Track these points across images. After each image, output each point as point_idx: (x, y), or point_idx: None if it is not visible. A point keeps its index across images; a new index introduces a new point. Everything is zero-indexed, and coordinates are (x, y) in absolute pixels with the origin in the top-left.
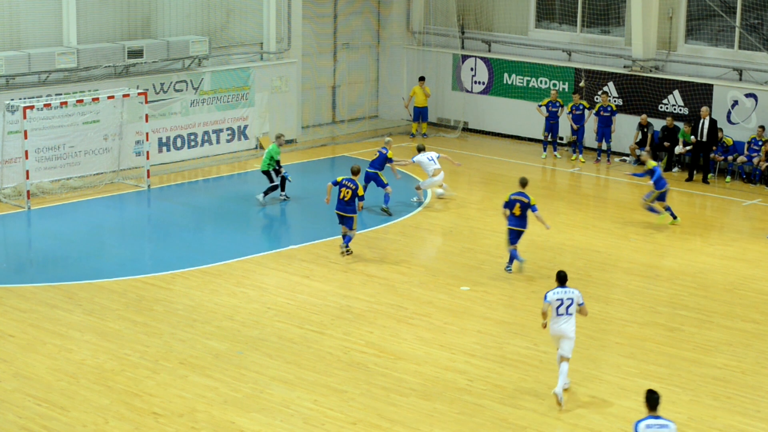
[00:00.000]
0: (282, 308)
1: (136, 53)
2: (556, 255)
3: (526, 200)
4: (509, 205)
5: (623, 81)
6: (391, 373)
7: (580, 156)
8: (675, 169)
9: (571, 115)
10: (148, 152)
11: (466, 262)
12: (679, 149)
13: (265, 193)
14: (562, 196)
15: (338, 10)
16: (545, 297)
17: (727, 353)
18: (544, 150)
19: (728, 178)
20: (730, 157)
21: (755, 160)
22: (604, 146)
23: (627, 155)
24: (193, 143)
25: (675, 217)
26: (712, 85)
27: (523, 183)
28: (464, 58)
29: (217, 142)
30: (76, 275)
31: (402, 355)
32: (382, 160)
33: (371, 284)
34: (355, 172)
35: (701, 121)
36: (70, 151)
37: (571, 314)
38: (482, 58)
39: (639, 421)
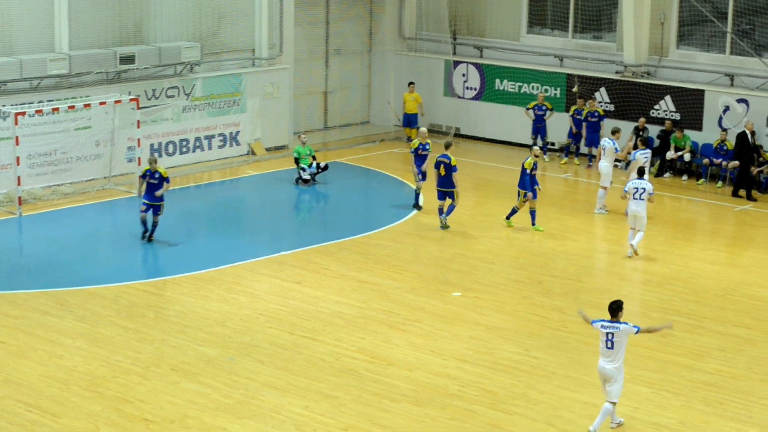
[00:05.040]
0: (273, 314)
1: (127, 59)
2: (549, 261)
3: (447, 161)
4: (437, 165)
5: (615, 86)
6: (382, 378)
7: (575, 159)
8: (666, 174)
9: (572, 119)
10: (140, 158)
11: (458, 268)
12: (671, 155)
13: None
14: (554, 201)
15: (330, 16)
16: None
17: (719, 359)
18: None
19: (720, 184)
20: (723, 162)
21: None
22: (594, 151)
23: (619, 160)
24: (184, 149)
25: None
26: (703, 91)
27: (447, 145)
28: (456, 63)
29: (209, 148)
30: (67, 281)
31: (393, 360)
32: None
33: (363, 290)
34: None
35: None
36: (61, 158)
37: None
38: (474, 64)
39: (597, 321)
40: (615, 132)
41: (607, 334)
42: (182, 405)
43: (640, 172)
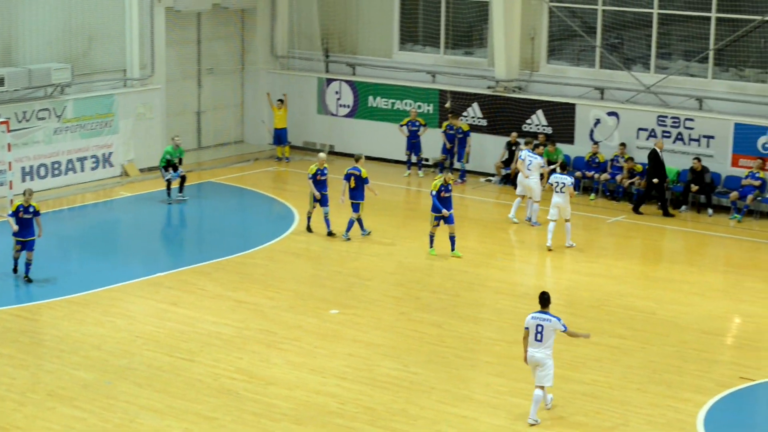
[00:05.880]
0: (150, 336)
1: None
2: (426, 276)
3: (358, 173)
4: (347, 177)
5: (487, 101)
6: (261, 398)
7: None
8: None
9: (445, 135)
10: (11, 182)
11: (335, 285)
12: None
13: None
14: (427, 217)
15: (202, 36)
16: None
17: (596, 369)
18: (408, 168)
19: (593, 196)
20: (596, 175)
21: (618, 178)
22: (458, 165)
23: (493, 175)
24: (57, 172)
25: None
26: (574, 105)
27: (357, 159)
28: (329, 81)
29: (82, 170)
30: None
31: (272, 380)
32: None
33: (240, 310)
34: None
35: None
36: None
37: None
38: (347, 81)
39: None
40: (536, 146)
41: (537, 326)
42: (59, 430)
43: (562, 167)
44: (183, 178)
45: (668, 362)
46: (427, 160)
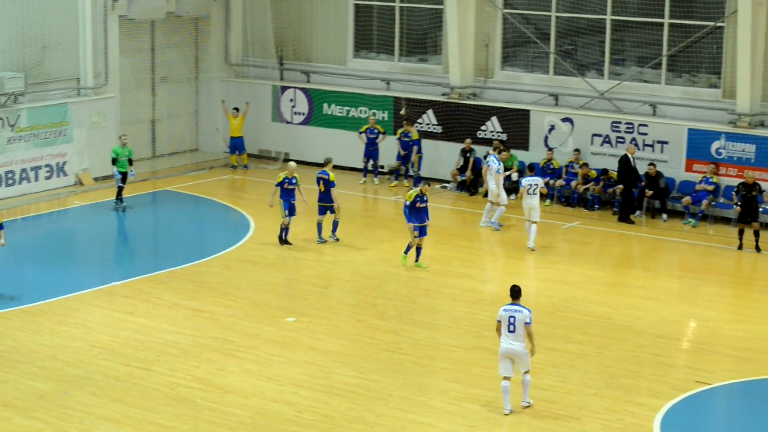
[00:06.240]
0: (106, 346)
1: None
2: (382, 283)
3: (327, 177)
4: (317, 181)
5: (442, 108)
6: (218, 407)
7: (405, 181)
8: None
9: (400, 142)
10: None
11: (291, 293)
12: None
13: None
14: (384, 224)
15: (156, 44)
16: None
17: (553, 374)
18: (364, 176)
19: (548, 202)
20: (551, 181)
21: (573, 184)
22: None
23: (448, 181)
24: (10, 181)
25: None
26: (529, 111)
27: (326, 162)
28: (283, 89)
29: (36, 179)
30: None
31: (229, 388)
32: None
33: (196, 318)
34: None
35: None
36: None
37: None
38: (302, 89)
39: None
40: (501, 150)
41: (510, 317)
42: None
43: (531, 168)
44: (121, 189)
45: (625, 367)
46: (382, 167)
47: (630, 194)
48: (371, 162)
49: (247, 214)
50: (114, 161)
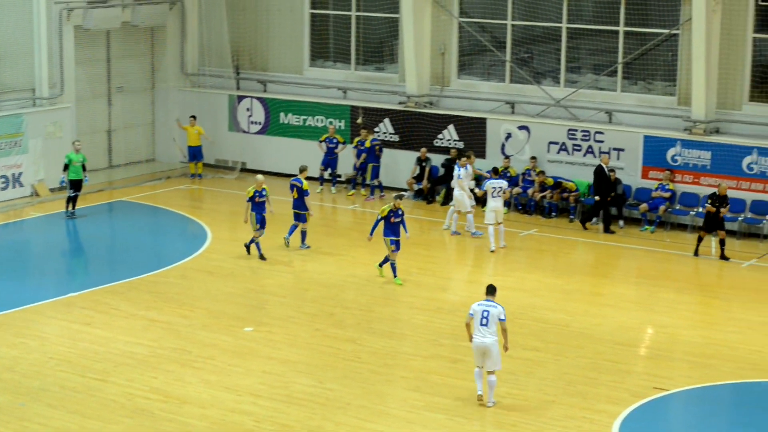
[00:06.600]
0: (63, 357)
1: None
2: (339, 292)
3: (300, 184)
4: (291, 188)
5: (399, 117)
6: (176, 417)
7: (362, 190)
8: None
9: (356, 151)
10: None
11: (249, 303)
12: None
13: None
14: (342, 233)
15: (111, 54)
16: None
17: (511, 382)
18: (321, 184)
19: (505, 209)
20: (508, 189)
21: (530, 192)
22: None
23: (405, 190)
24: None
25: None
26: (485, 119)
27: (301, 170)
28: (240, 98)
29: None
30: None
31: (187, 399)
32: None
33: (153, 329)
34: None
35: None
36: None
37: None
38: (258, 98)
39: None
40: (467, 156)
41: (483, 311)
42: None
43: (495, 171)
44: (76, 197)
45: (583, 374)
46: (339, 176)
47: (604, 205)
48: (329, 171)
49: (204, 224)
50: (66, 167)
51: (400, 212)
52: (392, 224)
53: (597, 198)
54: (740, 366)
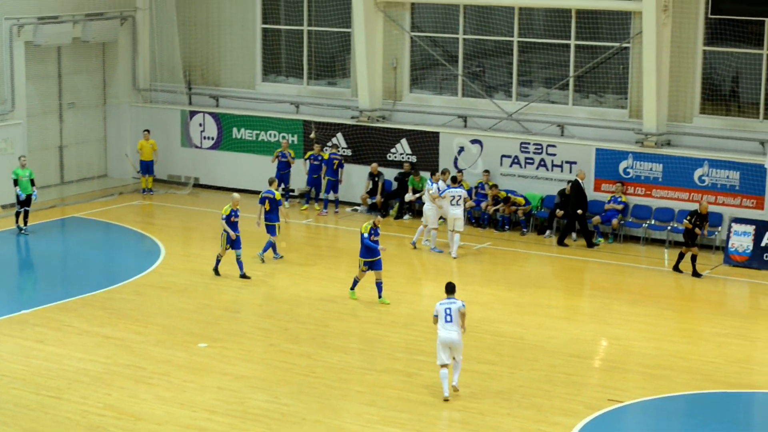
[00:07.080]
0: (16, 375)
1: None
2: (294, 307)
3: (272, 196)
4: (261, 201)
5: (352, 131)
6: None
7: (316, 204)
8: (406, 217)
9: (309, 165)
10: None
11: (203, 319)
12: (409, 197)
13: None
14: (295, 248)
15: (63, 70)
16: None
17: (465, 395)
18: None
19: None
20: None
21: (483, 205)
22: (323, 196)
23: (359, 204)
24: None
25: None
26: (438, 133)
27: (270, 182)
28: (192, 113)
29: None
30: None
31: (142, 415)
32: None
33: (107, 345)
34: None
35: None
36: None
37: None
38: (210, 113)
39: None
40: (443, 172)
41: (446, 309)
42: None
43: (454, 180)
44: (26, 212)
45: (537, 386)
46: (293, 191)
47: (583, 220)
48: (282, 186)
49: (158, 240)
50: (15, 183)
51: (378, 230)
52: (373, 242)
53: (579, 212)
54: (694, 377)
